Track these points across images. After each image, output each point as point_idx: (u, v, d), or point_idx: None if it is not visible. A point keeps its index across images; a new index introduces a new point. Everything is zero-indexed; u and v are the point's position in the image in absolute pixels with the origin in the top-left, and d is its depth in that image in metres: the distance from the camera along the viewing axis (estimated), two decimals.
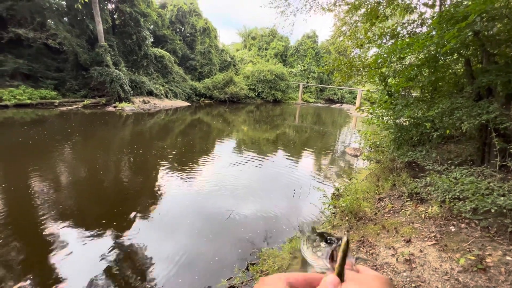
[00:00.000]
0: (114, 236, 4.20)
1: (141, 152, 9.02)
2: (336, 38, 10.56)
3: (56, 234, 4.12)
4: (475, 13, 3.11)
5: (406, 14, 6.58)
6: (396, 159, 4.97)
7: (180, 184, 6.62)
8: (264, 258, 3.63)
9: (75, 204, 5.21)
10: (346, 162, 9.71)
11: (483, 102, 3.63)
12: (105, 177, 6.71)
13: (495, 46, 4.03)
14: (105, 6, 20.54)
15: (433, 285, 2.22)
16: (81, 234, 4.18)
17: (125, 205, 5.32)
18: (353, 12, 7.50)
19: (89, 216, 4.79)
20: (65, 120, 14.01)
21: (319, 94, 39.31)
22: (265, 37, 40.97)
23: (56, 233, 4.15)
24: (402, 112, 4.64)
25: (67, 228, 4.31)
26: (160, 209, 5.25)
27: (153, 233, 4.46)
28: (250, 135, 14.16)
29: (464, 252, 2.49)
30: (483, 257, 2.36)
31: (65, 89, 18.48)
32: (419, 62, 4.93)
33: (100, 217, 4.71)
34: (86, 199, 5.55)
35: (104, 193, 5.91)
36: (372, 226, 3.44)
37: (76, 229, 4.29)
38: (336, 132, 17.76)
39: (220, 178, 7.17)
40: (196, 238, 4.34)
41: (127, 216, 4.86)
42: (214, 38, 31.78)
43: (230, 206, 5.51)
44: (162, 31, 27.23)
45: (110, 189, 6.15)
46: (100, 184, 6.28)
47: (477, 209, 2.71)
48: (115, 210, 5.08)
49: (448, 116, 3.90)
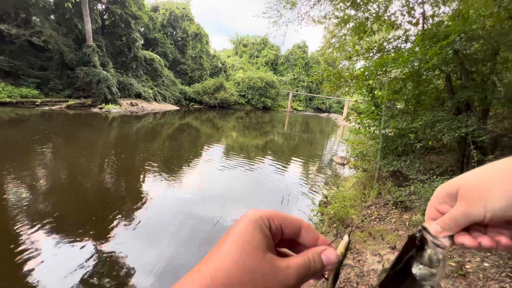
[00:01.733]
0: (94, 244, 4.01)
1: (126, 156, 8.79)
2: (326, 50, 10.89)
3: (29, 242, 3.87)
4: (455, 33, 3.34)
5: (391, 30, 6.93)
6: (382, 168, 5.14)
7: (166, 189, 6.49)
8: None
9: (52, 210, 4.94)
10: (333, 170, 9.90)
11: (462, 116, 3.85)
12: (86, 181, 6.45)
13: (473, 64, 4.32)
14: (95, 6, 20.20)
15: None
16: (57, 242, 3.96)
17: (107, 211, 5.11)
18: (342, 25, 7.80)
19: (67, 223, 4.56)
20: (47, 120, 13.45)
21: (308, 103, 40.09)
22: (256, 45, 41.58)
23: (29, 241, 3.89)
24: (388, 122, 4.84)
25: (42, 235, 4.05)
26: (144, 216, 5.09)
27: (135, 240, 4.31)
28: (239, 141, 14.16)
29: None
30: (463, 263, 2.47)
31: (48, 88, 17.79)
32: (404, 76, 5.19)
33: (79, 224, 4.50)
34: (64, 204, 5.28)
35: (84, 199, 5.66)
36: (359, 233, 3.52)
37: (52, 236, 4.06)
38: (324, 140, 18.11)
39: (208, 183, 7.09)
40: (181, 246, 4.23)
41: (108, 222, 4.67)
42: (205, 43, 31.89)
43: (218, 212, 5.44)
44: (153, 34, 27.03)
45: (91, 194, 5.91)
46: (80, 189, 6.02)
47: None
48: (95, 216, 4.87)
49: (430, 128, 4.11)
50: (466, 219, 0.34)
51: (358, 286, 2.50)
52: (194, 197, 6.20)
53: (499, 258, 2.46)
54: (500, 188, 0.32)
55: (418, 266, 0.37)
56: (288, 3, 8.59)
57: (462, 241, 0.35)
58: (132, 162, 8.19)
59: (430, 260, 0.36)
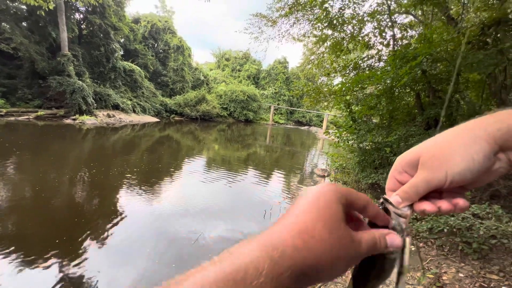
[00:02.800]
0: (61, 266, 3.65)
1: (99, 170, 8.29)
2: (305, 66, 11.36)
3: None
4: (422, 54, 3.62)
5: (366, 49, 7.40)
6: (361, 181, 5.28)
7: (142, 205, 6.15)
8: None
9: (12, 230, 4.47)
10: (315, 182, 10.02)
11: (432, 130, 4.11)
12: (53, 199, 5.94)
13: (438, 83, 4.68)
14: (72, 15, 19.62)
15: None
16: (19, 265, 3.56)
17: (76, 229, 4.72)
18: (320, 43, 8.21)
19: (31, 244, 4.13)
20: (11, 131, 12.45)
21: (289, 116, 41.02)
22: (238, 59, 42.36)
23: None
24: (365, 137, 5.04)
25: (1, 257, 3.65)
26: (117, 234, 4.75)
27: (107, 262, 3.98)
28: (221, 153, 13.99)
29: (424, 270, 2.64)
30: (440, 275, 2.53)
31: (15, 98, 16.63)
32: (378, 93, 5.50)
33: (45, 244, 4.09)
34: (26, 224, 4.79)
35: (51, 217, 5.19)
36: None
37: (12, 259, 3.64)
38: (305, 152, 18.43)
39: (188, 198, 6.84)
40: (157, 268, 3.97)
41: (78, 242, 4.30)
42: (188, 56, 31.93)
43: (198, 229, 5.22)
44: (134, 45, 26.63)
45: (58, 213, 5.43)
46: (47, 207, 5.53)
47: (432, 228, 2.94)
48: (63, 236, 4.46)
49: (404, 142, 4.32)
50: (427, 186, 0.36)
51: None
52: (172, 213, 5.92)
53: (472, 268, 2.56)
54: (461, 153, 0.33)
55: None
56: (269, 21, 8.92)
57: (422, 208, 0.37)
58: (106, 177, 7.73)
59: (394, 230, 0.38)
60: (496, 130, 0.34)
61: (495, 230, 2.53)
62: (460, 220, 2.75)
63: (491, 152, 0.33)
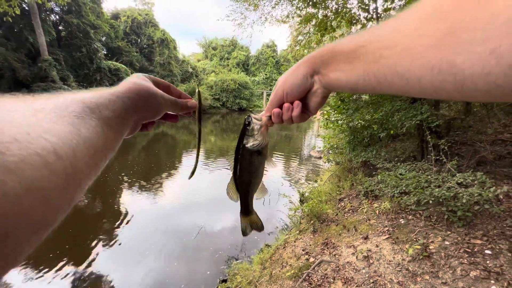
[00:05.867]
0: (70, 271, 3.77)
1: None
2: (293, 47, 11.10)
3: None
4: None
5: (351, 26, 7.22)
6: (352, 160, 5.34)
7: (144, 203, 6.23)
8: (234, 273, 3.56)
9: None
10: (312, 164, 10.13)
11: (417, 104, 4.11)
12: None
13: None
14: (47, 17, 18.84)
15: (388, 278, 2.39)
16: (29, 273, 3.65)
17: (82, 233, 4.83)
18: (305, 23, 7.99)
19: (38, 250, 4.22)
20: None
21: None
22: (226, 47, 41.36)
23: None
24: (354, 116, 5.03)
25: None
26: (122, 235, 4.86)
27: (114, 263, 4.10)
28: (218, 144, 13.98)
29: (412, 242, 2.74)
30: (427, 244, 2.63)
31: None
32: None
33: (52, 250, 4.19)
34: None
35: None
36: (334, 227, 3.62)
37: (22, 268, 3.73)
38: (301, 135, 18.48)
39: (189, 192, 6.92)
40: (162, 264, 4.09)
41: (85, 245, 4.41)
42: (173, 49, 31.11)
43: (199, 222, 5.33)
44: (116, 43, 25.82)
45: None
46: None
47: (419, 200, 3.02)
48: (70, 240, 4.56)
49: (391, 117, 4.33)
50: (274, 98, 0.53)
51: (334, 281, 2.57)
52: (174, 208, 6.02)
53: (458, 235, 2.65)
54: (291, 74, 0.49)
55: (248, 139, 0.60)
56: (250, 5, 8.63)
57: (275, 112, 0.53)
58: (104, 176, 7.75)
59: (253, 130, 0.59)
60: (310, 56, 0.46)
61: (478, 197, 2.60)
62: (445, 190, 2.82)
63: (308, 72, 0.46)
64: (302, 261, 3.12)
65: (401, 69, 0.30)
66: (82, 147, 0.27)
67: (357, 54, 0.36)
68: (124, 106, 0.40)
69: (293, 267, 3.05)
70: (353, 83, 0.39)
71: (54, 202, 0.23)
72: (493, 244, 2.42)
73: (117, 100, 0.39)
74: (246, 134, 0.60)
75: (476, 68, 0.23)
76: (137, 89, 0.44)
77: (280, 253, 3.61)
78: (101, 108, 0.34)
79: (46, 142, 0.22)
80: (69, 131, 0.26)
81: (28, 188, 0.19)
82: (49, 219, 0.23)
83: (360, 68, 0.36)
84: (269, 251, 3.86)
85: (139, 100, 0.43)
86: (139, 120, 0.46)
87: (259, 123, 0.58)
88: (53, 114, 0.27)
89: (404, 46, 0.29)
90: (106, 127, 0.34)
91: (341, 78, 0.40)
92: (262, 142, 0.59)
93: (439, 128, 4.30)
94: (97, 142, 0.31)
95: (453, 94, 0.27)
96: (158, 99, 0.48)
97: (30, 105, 0.26)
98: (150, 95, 0.46)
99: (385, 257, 2.68)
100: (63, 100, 0.30)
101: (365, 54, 0.35)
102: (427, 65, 0.27)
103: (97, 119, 0.33)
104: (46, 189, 0.21)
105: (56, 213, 0.24)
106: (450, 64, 0.25)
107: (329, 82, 0.44)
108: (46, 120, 0.25)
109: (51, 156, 0.22)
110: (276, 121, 0.55)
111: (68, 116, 0.28)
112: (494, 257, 2.28)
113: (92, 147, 0.29)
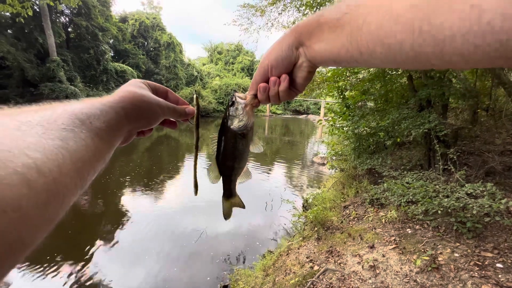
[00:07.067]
0: (70, 273, 3.72)
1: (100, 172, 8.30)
2: None
3: None
4: None
5: None
6: (357, 167, 5.29)
7: (145, 206, 6.21)
8: (237, 279, 3.50)
9: None
10: (315, 170, 10.06)
11: (425, 112, 4.07)
12: None
13: None
14: (57, 19, 19.22)
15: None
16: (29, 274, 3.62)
17: (82, 234, 4.80)
18: None
19: (38, 252, 4.19)
20: None
21: (286, 106, 40.80)
22: (231, 52, 41.79)
23: None
24: (359, 123, 5.00)
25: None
26: (122, 238, 4.82)
27: (114, 266, 4.05)
28: None
29: (419, 253, 2.67)
30: (436, 256, 2.56)
31: None
32: (371, 77, 5.42)
33: (52, 252, 4.16)
34: None
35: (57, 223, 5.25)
36: (339, 235, 3.55)
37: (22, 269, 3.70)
38: (304, 141, 18.44)
39: (190, 195, 6.86)
40: (162, 268, 4.03)
41: (85, 247, 4.37)
42: (179, 52, 31.48)
43: (201, 226, 5.28)
44: (124, 45, 26.21)
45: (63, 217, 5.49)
46: None
47: (428, 210, 2.96)
48: (70, 240, 4.54)
49: (397, 125, 4.30)
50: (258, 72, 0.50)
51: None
52: (175, 212, 5.98)
53: (467, 247, 2.59)
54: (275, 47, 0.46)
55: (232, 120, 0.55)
56: (257, 11, 8.72)
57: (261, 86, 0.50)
58: (107, 178, 7.76)
59: (237, 109, 0.54)
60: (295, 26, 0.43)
61: (488, 208, 2.54)
62: (454, 201, 2.76)
63: (293, 44, 0.43)
64: (306, 268, 3.06)
65: (383, 33, 0.30)
66: (68, 161, 0.26)
67: (342, 22, 0.35)
68: (117, 117, 0.39)
69: (297, 274, 2.99)
70: (336, 54, 0.37)
71: (33, 221, 0.22)
72: (505, 258, 2.36)
73: (110, 110, 0.38)
74: (229, 115, 0.55)
75: (456, 27, 0.23)
76: (131, 98, 0.42)
77: (283, 260, 3.55)
78: (92, 119, 0.34)
79: (28, 159, 0.22)
80: (55, 145, 0.26)
81: (4, 210, 0.18)
82: (26, 239, 0.21)
83: (343, 36, 0.35)
84: (272, 258, 3.80)
85: (132, 110, 0.42)
86: (132, 129, 0.45)
87: (243, 102, 0.54)
88: (39, 128, 0.26)
89: (387, 8, 0.29)
90: (97, 139, 0.33)
91: (324, 49, 0.39)
92: (247, 123, 0.55)
93: (447, 137, 4.26)
94: (86, 155, 0.30)
95: (433, 60, 0.27)
96: (152, 108, 0.46)
97: (16, 117, 0.26)
98: (145, 103, 0.44)
99: (392, 268, 2.62)
100: (51, 112, 0.30)
101: (349, 21, 0.34)
102: (408, 28, 0.27)
103: (88, 131, 0.32)
104: (24, 208, 0.20)
105: (35, 232, 0.22)
106: (430, 25, 0.25)
107: (313, 55, 0.41)
108: (31, 133, 0.25)
109: (32, 173, 0.21)
110: (262, 98, 0.51)
111: (56, 129, 0.28)
112: (506, 271, 2.21)
113: (80, 160, 0.29)
